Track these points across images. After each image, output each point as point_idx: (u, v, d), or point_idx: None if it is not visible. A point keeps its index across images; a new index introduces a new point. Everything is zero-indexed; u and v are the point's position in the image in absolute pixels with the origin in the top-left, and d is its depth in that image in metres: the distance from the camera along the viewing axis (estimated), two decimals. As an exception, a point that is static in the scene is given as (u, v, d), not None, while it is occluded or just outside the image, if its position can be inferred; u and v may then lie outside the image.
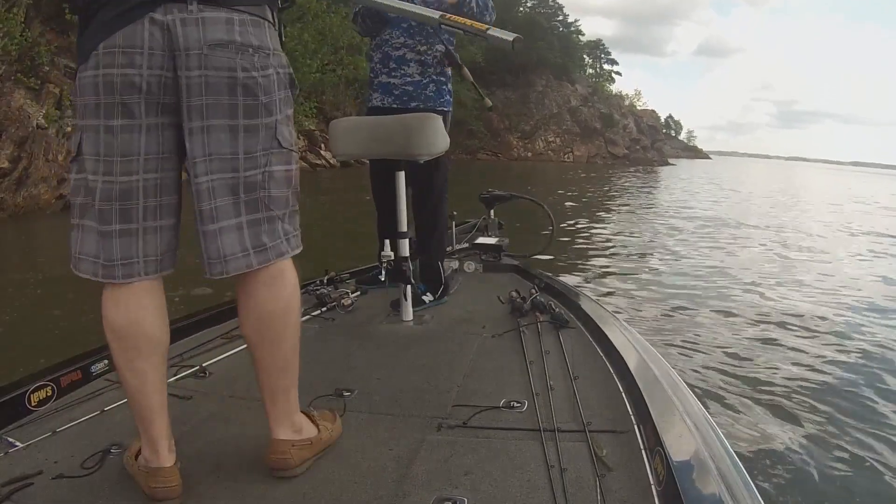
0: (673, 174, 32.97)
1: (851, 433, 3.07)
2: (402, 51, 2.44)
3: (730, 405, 3.33)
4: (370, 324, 2.30)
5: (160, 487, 1.12)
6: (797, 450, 2.86)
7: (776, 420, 3.18)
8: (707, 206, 15.81)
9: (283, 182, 1.14)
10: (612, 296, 5.79)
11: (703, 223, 11.99)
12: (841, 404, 3.45)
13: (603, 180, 22.23)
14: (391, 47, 2.46)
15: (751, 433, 3.00)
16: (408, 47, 2.44)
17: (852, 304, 6.10)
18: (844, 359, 4.31)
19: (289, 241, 1.18)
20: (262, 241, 1.13)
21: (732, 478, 1.09)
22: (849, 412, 3.34)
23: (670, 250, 8.78)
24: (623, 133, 48.57)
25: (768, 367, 3.99)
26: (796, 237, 11.02)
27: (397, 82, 2.47)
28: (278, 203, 1.14)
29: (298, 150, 1.21)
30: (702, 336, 4.63)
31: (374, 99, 2.53)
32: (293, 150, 1.15)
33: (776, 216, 14.44)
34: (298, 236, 1.20)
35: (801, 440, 2.96)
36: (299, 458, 1.23)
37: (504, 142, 41.05)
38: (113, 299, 1.12)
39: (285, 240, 1.16)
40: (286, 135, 1.12)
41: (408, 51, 2.44)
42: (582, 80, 51.98)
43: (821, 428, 3.12)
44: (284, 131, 1.12)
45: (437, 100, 2.52)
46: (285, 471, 1.22)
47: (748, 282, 6.85)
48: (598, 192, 17.55)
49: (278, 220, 1.15)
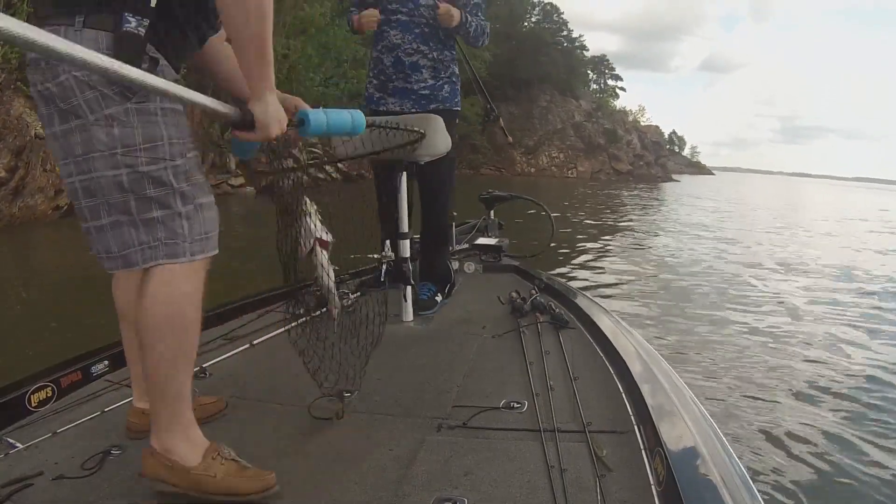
0: (679, 192, 32.42)
1: (852, 433, 3.07)
2: (415, 57, 2.47)
3: (730, 405, 3.33)
4: (370, 323, 2.30)
5: (129, 420, 1.40)
6: (797, 450, 2.86)
7: (776, 420, 3.18)
8: (712, 221, 15.71)
9: (113, 187, 1.07)
10: (613, 296, 5.79)
11: (707, 234, 12.02)
12: (841, 404, 3.45)
13: (610, 197, 21.93)
14: (404, 53, 2.46)
15: (751, 433, 3.00)
16: (421, 53, 2.47)
17: (854, 305, 6.11)
18: (845, 359, 4.31)
19: (143, 253, 1.10)
20: (110, 248, 1.11)
21: (732, 478, 1.09)
22: (849, 412, 3.34)
23: (671, 252, 8.78)
24: (627, 149, 48.07)
25: (768, 368, 3.99)
26: (795, 247, 11.05)
27: (415, 87, 2.50)
28: (117, 209, 1.08)
29: (143, 153, 1.06)
30: (702, 336, 4.63)
31: (389, 104, 2.53)
32: (108, 154, 1.05)
33: (779, 231, 14.44)
34: (159, 248, 1.10)
35: (801, 440, 2.96)
36: (153, 471, 1.16)
37: (507, 157, 40.78)
38: (114, 283, 1.33)
39: (139, 249, 1.10)
40: (102, 137, 1.04)
41: (421, 57, 2.47)
42: (586, 96, 51.56)
43: (821, 428, 3.12)
44: (100, 133, 1.04)
45: (452, 100, 2.58)
46: (145, 476, 1.18)
47: (748, 283, 6.85)
48: (604, 207, 17.24)
49: (126, 227, 1.09)
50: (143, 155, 1.06)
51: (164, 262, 1.11)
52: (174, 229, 1.10)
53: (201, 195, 1.14)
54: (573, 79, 48.41)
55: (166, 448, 1.16)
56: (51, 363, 1.67)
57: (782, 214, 20.74)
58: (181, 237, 1.11)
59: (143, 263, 1.11)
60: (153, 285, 1.11)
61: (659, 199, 24.62)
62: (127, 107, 1.04)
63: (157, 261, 1.11)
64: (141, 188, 1.07)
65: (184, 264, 1.12)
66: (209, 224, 1.15)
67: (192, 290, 1.14)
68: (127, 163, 1.05)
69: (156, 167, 1.07)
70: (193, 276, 1.14)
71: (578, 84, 50.68)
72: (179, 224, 1.10)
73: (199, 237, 1.13)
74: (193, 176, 1.13)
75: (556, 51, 45.16)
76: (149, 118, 1.06)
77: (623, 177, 43.71)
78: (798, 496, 2.49)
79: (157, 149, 1.07)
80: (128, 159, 1.05)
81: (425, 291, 2.54)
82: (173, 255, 1.11)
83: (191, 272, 1.13)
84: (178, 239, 1.11)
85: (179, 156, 1.10)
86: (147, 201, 1.08)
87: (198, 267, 1.15)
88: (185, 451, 1.16)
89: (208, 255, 1.16)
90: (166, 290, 1.11)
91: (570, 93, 47.60)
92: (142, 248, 1.10)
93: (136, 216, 1.09)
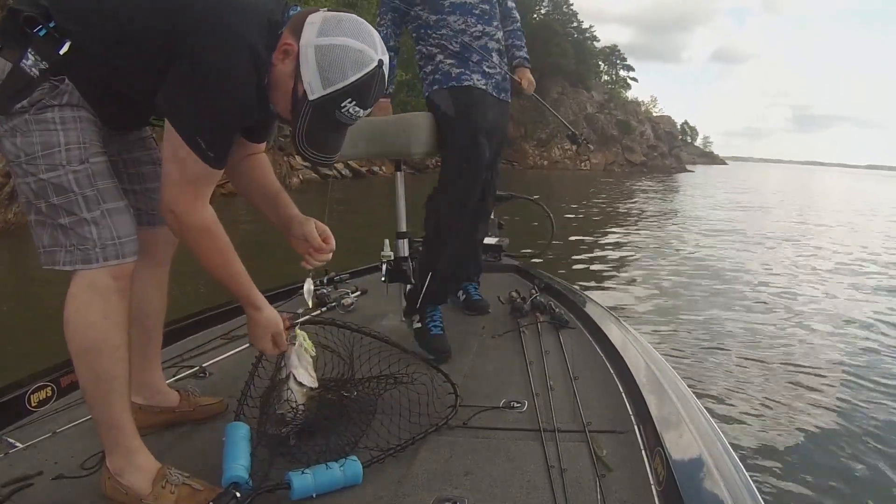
0: (697, 183, 31.77)
1: (852, 433, 3.07)
2: (483, 39, 2.22)
3: (730, 405, 3.33)
4: (370, 324, 2.30)
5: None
6: (797, 450, 2.86)
7: (776, 420, 3.18)
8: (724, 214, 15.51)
9: (23, 191, 1.11)
10: (613, 296, 5.79)
11: (712, 228, 11.99)
12: (841, 404, 3.45)
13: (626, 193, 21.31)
14: (471, 37, 2.20)
15: (751, 433, 3.00)
16: (488, 35, 2.23)
17: (857, 303, 6.11)
18: (846, 359, 4.31)
19: (64, 255, 1.11)
20: (42, 243, 1.13)
21: (732, 478, 1.09)
22: (849, 412, 3.34)
23: (672, 254, 8.78)
24: (640, 140, 47.75)
25: (768, 368, 3.99)
26: (801, 242, 11.02)
27: (492, 72, 2.25)
28: (37, 212, 1.12)
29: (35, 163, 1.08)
30: (702, 336, 4.63)
31: (474, 80, 2.19)
32: (16, 163, 1.09)
33: (787, 226, 14.38)
34: (74, 253, 1.10)
35: (801, 440, 2.97)
36: (111, 493, 1.18)
37: (519, 150, 40.56)
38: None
39: (61, 250, 1.11)
40: (9, 147, 1.08)
41: (489, 39, 2.23)
42: (598, 87, 51.25)
43: (821, 428, 3.12)
44: (7, 144, 1.09)
45: (510, 91, 2.39)
46: (106, 496, 1.18)
47: (748, 284, 6.85)
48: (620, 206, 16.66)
49: (40, 227, 1.13)
50: (42, 162, 1.08)
51: (80, 267, 1.11)
52: (83, 235, 1.11)
53: (110, 200, 1.13)
54: (584, 70, 48.17)
55: (116, 471, 1.17)
56: (51, 363, 1.67)
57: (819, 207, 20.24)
58: (90, 242, 1.11)
59: (62, 266, 1.12)
60: (71, 290, 1.12)
61: (674, 189, 24.14)
62: (26, 117, 1.07)
63: (75, 266, 1.11)
64: (46, 195, 1.09)
65: (98, 270, 1.11)
66: (121, 229, 1.13)
67: (106, 308, 1.12)
68: (30, 171, 1.09)
69: (55, 174, 1.08)
70: (111, 285, 1.12)
71: (590, 75, 50.40)
72: (88, 230, 1.11)
73: (111, 242, 1.12)
74: (99, 181, 1.12)
75: (566, 42, 45.02)
76: (46, 126, 1.08)
77: (637, 168, 43.34)
78: (798, 496, 2.50)
79: (53, 155, 1.08)
80: (31, 168, 1.08)
81: (477, 293, 2.53)
82: (86, 261, 1.11)
83: (107, 280, 1.12)
84: (88, 245, 1.11)
85: (78, 161, 1.10)
86: (54, 208, 1.10)
87: (116, 274, 1.13)
88: (135, 478, 1.17)
89: (124, 262, 1.13)
90: (74, 299, 1.11)
91: (581, 84, 47.32)
92: (63, 250, 1.12)
93: (51, 221, 1.11)
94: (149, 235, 1.27)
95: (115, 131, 1.24)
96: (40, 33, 1.06)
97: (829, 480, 2.63)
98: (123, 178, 1.28)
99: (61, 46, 1.06)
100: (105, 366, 1.13)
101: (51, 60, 1.06)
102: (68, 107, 1.09)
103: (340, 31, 1.08)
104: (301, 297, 1.52)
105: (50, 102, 1.07)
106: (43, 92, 1.06)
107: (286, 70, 1.10)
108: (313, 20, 1.10)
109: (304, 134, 1.12)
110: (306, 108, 1.10)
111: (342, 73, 1.07)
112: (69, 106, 1.09)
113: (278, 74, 1.11)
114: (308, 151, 1.14)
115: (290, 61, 1.10)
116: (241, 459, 1.20)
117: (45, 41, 1.06)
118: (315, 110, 1.09)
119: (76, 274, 1.12)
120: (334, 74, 1.07)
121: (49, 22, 1.05)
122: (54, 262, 1.12)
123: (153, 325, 1.43)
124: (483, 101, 2.17)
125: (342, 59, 1.07)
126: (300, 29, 1.10)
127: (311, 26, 1.09)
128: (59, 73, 1.07)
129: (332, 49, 1.07)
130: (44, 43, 1.05)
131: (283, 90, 1.12)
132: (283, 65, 1.10)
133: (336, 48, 1.07)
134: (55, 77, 1.07)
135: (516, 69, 2.48)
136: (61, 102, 1.08)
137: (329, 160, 1.18)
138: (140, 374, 1.37)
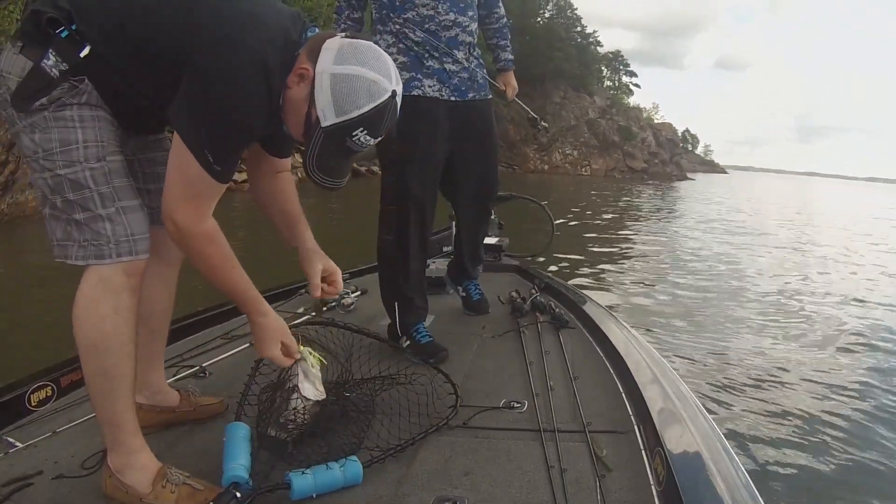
0: (700, 192, 31.32)
1: (852, 433, 3.08)
2: (454, 31, 1.98)
3: (729, 405, 3.33)
4: (370, 324, 2.30)
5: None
6: (797, 449, 2.86)
7: (776, 420, 3.18)
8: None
9: (39, 186, 1.14)
10: (613, 296, 5.79)
11: (713, 229, 11.98)
12: (841, 404, 3.45)
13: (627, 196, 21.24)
14: (439, 26, 1.95)
15: (751, 433, 3.00)
16: (459, 26, 1.98)
17: (858, 303, 6.11)
18: (846, 359, 4.31)
19: (77, 250, 1.13)
20: (55, 236, 1.15)
21: (732, 478, 1.09)
22: (850, 412, 3.34)
23: (672, 254, 8.78)
24: (642, 146, 47.34)
25: (768, 368, 3.99)
26: (799, 246, 11.02)
27: (453, 69, 2.00)
28: (52, 207, 1.14)
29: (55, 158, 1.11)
30: (702, 336, 4.63)
31: (425, 86, 1.97)
32: (34, 158, 1.12)
33: (785, 228, 14.34)
34: (88, 248, 1.12)
35: (801, 440, 2.97)
36: (111, 491, 1.18)
37: (520, 154, 40.42)
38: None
39: (74, 245, 1.13)
40: (28, 143, 1.11)
41: (460, 31, 1.99)
42: (600, 92, 51.01)
43: (821, 428, 3.12)
44: (26, 140, 1.11)
45: (485, 87, 2.15)
46: (106, 495, 1.19)
47: (748, 284, 6.85)
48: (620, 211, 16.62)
49: (54, 221, 1.14)
50: (60, 158, 1.10)
51: (93, 262, 1.13)
52: (97, 230, 1.12)
53: (125, 198, 1.15)
54: (587, 75, 48.01)
55: (117, 469, 1.17)
56: (51, 363, 1.67)
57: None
58: (104, 238, 1.12)
59: (74, 260, 1.13)
60: (81, 286, 1.13)
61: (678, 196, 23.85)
62: (45, 114, 1.09)
63: (88, 261, 1.13)
64: (62, 190, 1.11)
65: (111, 266, 1.13)
66: (135, 226, 1.15)
67: (116, 303, 1.13)
68: (47, 167, 1.11)
69: (72, 170, 1.10)
70: (122, 282, 1.13)
71: (592, 80, 50.27)
72: (102, 226, 1.12)
73: (125, 238, 1.14)
74: (115, 179, 1.14)
75: (569, 46, 44.89)
76: (65, 123, 1.10)
77: (637, 174, 43.12)
78: (798, 496, 2.50)
79: (70, 152, 1.10)
80: (48, 163, 1.11)
81: (477, 292, 2.48)
82: (100, 257, 1.13)
83: (119, 276, 1.13)
84: (102, 241, 1.13)
85: (95, 159, 1.12)
86: (70, 203, 1.12)
87: (128, 270, 1.14)
88: (136, 477, 1.17)
89: (137, 259, 1.15)
90: (82, 295, 1.12)
91: (583, 89, 47.20)
92: (76, 245, 1.13)
93: (66, 216, 1.13)
94: (161, 235, 1.28)
95: (132, 133, 1.25)
96: (62, 35, 1.07)
97: (829, 480, 2.63)
98: (139, 177, 1.29)
99: (82, 49, 1.08)
100: (112, 362, 1.13)
101: (71, 62, 1.07)
102: (87, 106, 1.11)
103: (356, 60, 1.09)
104: (301, 297, 1.52)
105: (69, 101, 1.09)
106: (62, 91, 1.08)
107: (301, 94, 1.11)
108: (330, 46, 1.11)
109: (314, 159, 1.13)
110: (318, 134, 1.11)
111: (356, 102, 1.08)
112: (88, 105, 1.11)
113: (293, 97, 1.12)
114: (317, 175, 1.15)
115: (304, 86, 1.11)
116: (241, 459, 1.20)
117: (66, 43, 1.08)
118: (327, 137, 1.10)
119: (88, 269, 1.13)
120: (348, 104, 1.08)
121: (71, 24, 1.07)
122: (66, 256, 1.14)
123: (159, 325, 1.44)
124: (429, 114, 1.97)
125: (356, 88, 1.08)
126: (317, 53, 1.10)
127: (328, 52, 1.10)
128: (79, 74, 1.09)
129: (347, 78, 1.07)
130: (65, 44, 1.07)
131: (297, 114, 1.13)
132: (298, 88, 1.11)
133: (351, 77, 1.08)
134: (75, 77, 1.08)
135: (499, 73, 2.35)
136: (80, 101, 1.10)
137: (337, 185, 1.18)
138: (142, 373, 1.37)
